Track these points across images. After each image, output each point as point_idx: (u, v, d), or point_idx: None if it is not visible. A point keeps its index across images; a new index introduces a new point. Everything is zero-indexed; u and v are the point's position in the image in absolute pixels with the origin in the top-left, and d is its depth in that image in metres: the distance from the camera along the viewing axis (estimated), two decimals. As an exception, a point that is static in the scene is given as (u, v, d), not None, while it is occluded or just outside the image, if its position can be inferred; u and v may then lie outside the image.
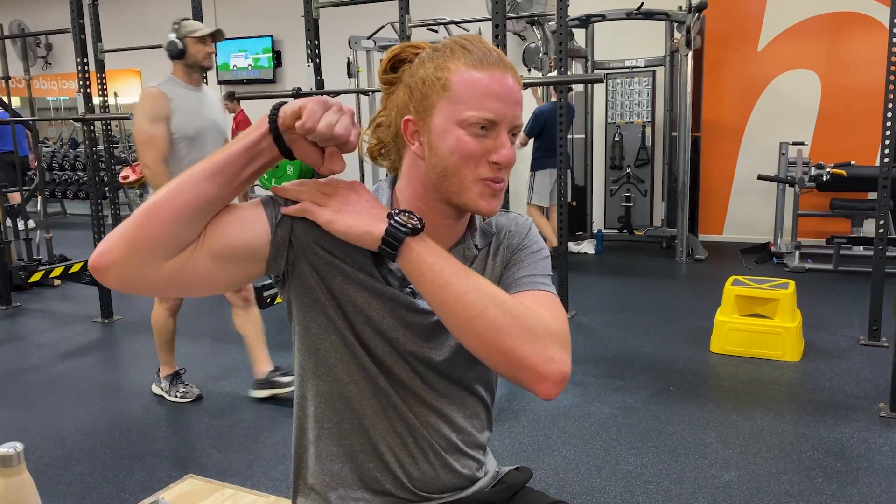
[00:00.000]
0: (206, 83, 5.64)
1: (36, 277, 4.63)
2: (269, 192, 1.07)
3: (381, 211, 1.00)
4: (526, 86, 4.83)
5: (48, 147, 10.15)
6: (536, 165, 6.11)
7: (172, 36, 3.21)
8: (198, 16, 5.30)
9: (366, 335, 1.06)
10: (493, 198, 1.03)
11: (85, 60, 4.64)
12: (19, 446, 0.98)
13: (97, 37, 5.90)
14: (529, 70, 6.78)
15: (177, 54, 3.22)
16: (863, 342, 3.93)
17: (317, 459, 1.12)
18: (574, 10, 5.54)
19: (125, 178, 7.81)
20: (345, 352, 1.07)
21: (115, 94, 9.39)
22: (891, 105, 3.61)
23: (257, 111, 7.93)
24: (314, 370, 1.09)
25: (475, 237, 1.12)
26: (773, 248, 6.13)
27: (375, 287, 1.05)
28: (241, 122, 8.07)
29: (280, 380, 3.35)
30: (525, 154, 6.17)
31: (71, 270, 4.64)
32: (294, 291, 1.07)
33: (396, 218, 0.98)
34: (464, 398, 1.14)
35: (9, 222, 5.49)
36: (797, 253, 5.79)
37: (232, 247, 0.99)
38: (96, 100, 5.36)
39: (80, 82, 4.63)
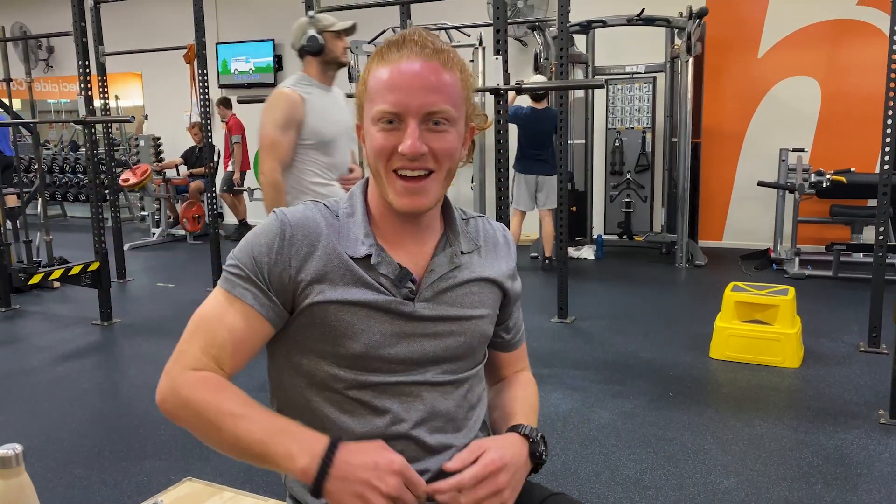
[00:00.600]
0: (208, 87, 5.66)
1: (35, 279, 4.63)
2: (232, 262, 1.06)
3: (527, 453, 1.08)
4: (529, 91, 4.84)
5: (49, 150, 10.15)
6: (514, 168, 6.09)
7: (312, 31, 2.90)
8: (199, 20, 5.31)
9: (362, 361, 1.04)
10: (408, 194, 1.01)
11: (86, 63, 4.64)
12: (18, 448, 0.98)
13: (99, 40, 5.92)
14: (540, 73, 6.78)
15: (317, 50, 2.92)
16: (862, 349, 3.92)
17: None
18: (575, 16, 5.55)
19: (125, 180, 7.84)
20: (335, 392, 1.06)
21: (116, 97, 9.40)
22: (891, 112, 3.62)
23: (258, 115, 7.93)
24: (300, 411, 1.08)
25: (460, 242, 1.12)
26: (772, 255, 6.13)
27: (372, 302, 1.04)
28: (233, 127, 7.98)
29: None
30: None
31: (70, 273, 4.63)
32: (279, 337, 1.08)
33: (540, 450, 1.09)
34: (463, 394, 1.14)
35: (8, 224, 5.48)
36: (797, 259, 5.79)
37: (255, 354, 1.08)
38: (97, 102, 5.37)
39: (82, 85, 4.63)
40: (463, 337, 1.10)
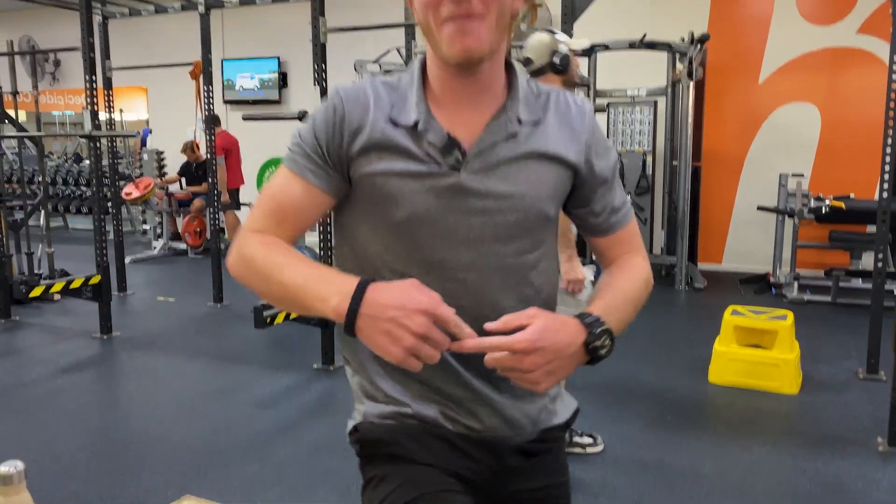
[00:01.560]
0: (213, 103, 5.70)
1: (37, 292, 4.63)
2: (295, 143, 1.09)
3: (579, 343, 1.01)
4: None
5: (52, 161, 10.19)
6: None
7: (564, 48, 2.73)
8: (206, 38, 5.37)
9: (408, 229, 1.05)
10: (459, 35, 0.98)
11: (93, 78, 4.68)
12: (20, 465, 0.98)
13: (105, 54, 5.98)
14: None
15: (565, 69, 2.76)
16: (861, 376, 3.92)
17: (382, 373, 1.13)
18: (578, 40, 5.60)
19: (128, 194, 7.86)
20: (385, 266, 1.07)
21: (121, 111, 9.44)
22: (890, 140, 3.65)
23: (263, 131, 7.95)
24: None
25: (517, 109, 1.07)
26: (771, 279, 6.15)
27: (415, 171, 1.04)
28: (216, 147, 7.71)
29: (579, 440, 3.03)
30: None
31: (71, 286, 4.64)
32: (339, 205, 1.11)
33: (596, 344, 1.03)
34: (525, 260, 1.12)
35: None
36: (796, 284, 5.80)
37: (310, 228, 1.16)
38: (102, 115, 5.41)
39: (88, 99, 4.67)
40: (515, 214, 1.06)
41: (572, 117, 1.12)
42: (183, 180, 8.58)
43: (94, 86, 4.70)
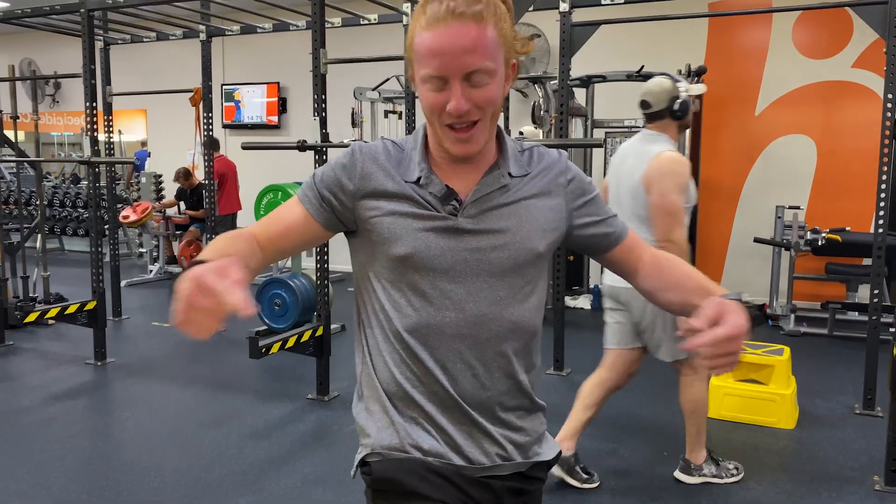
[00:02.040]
0: (212, 128, 5.72)
1: (31, 318, 4.61)
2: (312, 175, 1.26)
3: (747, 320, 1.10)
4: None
5: (49, 182, 10.19)
6: None
7: (684, 94, 2.83)
8: (207, 66, 5.41)
9: (409, 262, 1.16)
10: (460, 143, 1.14)
11: (93, 104, 4.70)
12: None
13: (107, 80, 6.02)
14: (536, 127, 6.88)
15: (685, 115, 2.87)
16: (857, 411, 3.91)
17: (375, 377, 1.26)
18: (576, 71, 5.66)
19: (125, 217, 7.86)
20: (391, 287, 1.20)
21: (120, 132, 9.47)
22: (885, 176, 3.68)
23: (262, 157, 7.98)
24: (368, 319, 1.24)
25: (508, 165, 1.21)
26: (768, 311, 6.15)
27: (418, 214, 1.17)
28: (216, 171, 7.65)
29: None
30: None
31: (67, 311, 4.62)
32: (353, 244, 1.25)
33: (755, 315, 1.13)
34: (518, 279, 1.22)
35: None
36: (792, 316, 5.80)
37: (300, 249, 1.29)
38: (101, 137, 5.42)
39: (88, 125, 4.69)
40: (507, 252, 1.18)
41: (553, 165, 1.26)
42: (182, 204, 8.59)
43: (95, 111, 4.72)
